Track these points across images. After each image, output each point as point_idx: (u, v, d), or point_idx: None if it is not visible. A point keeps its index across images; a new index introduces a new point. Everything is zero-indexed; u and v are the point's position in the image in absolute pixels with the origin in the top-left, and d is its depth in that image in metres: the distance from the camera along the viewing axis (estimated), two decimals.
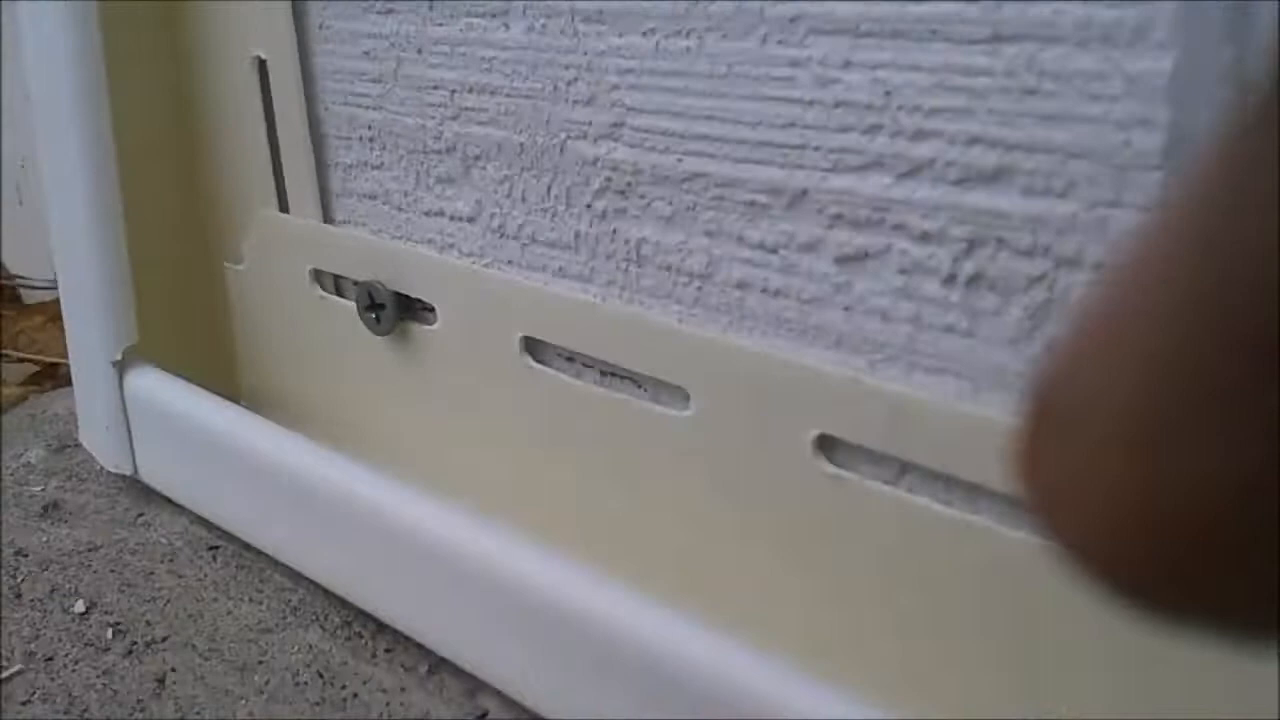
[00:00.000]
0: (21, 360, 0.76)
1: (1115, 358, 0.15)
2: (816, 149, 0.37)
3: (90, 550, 0.56)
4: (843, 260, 0.37)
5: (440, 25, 0.47)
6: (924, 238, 0.35)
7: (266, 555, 0.53)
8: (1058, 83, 0.31)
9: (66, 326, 0.58)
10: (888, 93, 0.35)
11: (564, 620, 0.40)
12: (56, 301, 0.74)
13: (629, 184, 0.43)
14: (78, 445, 0.63)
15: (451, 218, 0.50)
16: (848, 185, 0.37)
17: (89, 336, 0.56)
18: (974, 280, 0.34)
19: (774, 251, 0.39)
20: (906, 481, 0.37)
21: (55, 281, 0.82)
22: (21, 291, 0.91)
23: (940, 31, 0.33)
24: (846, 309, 0.38)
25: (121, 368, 0.56)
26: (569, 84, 0.43)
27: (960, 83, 0.33)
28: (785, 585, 0.40)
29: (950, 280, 0.35)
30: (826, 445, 0.38)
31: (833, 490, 0.38)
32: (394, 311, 0.51)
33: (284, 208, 0.56)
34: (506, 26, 0.45)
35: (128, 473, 0.58)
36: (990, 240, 0.34)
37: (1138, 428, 0.14)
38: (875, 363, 0.37)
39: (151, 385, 0.55)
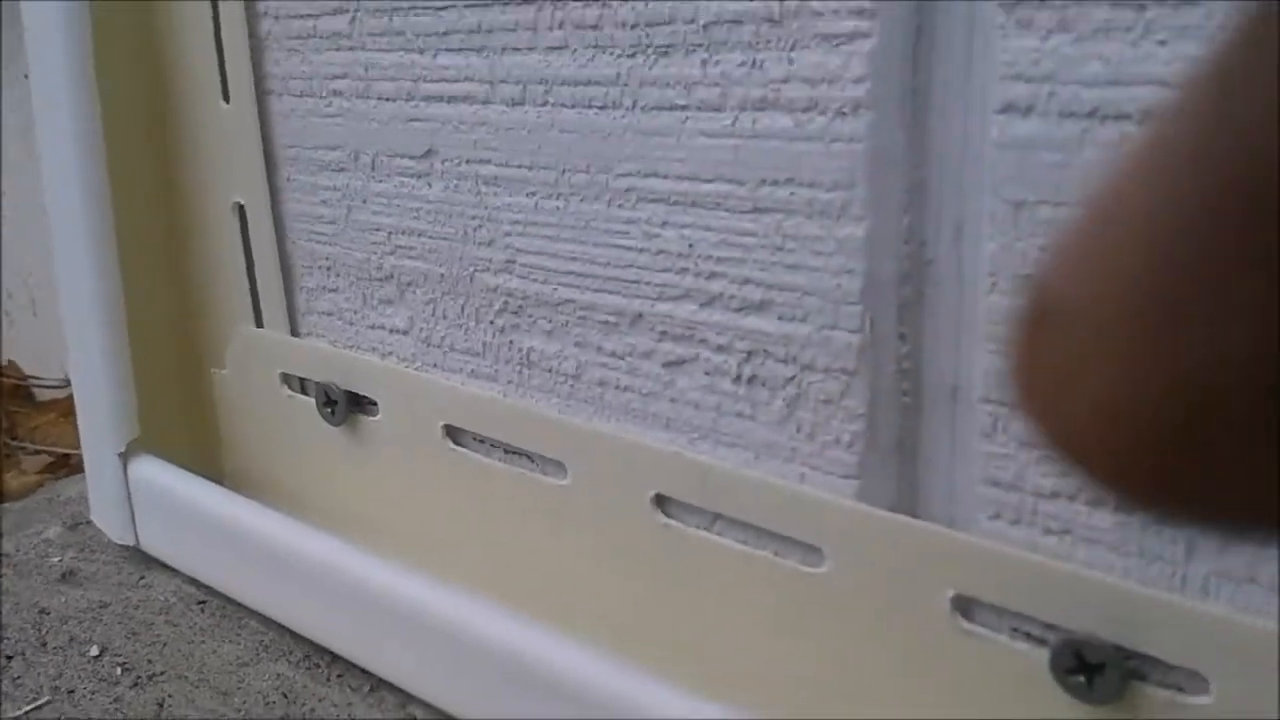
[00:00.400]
0: (38, 452, 0.88)
1: (1106, 251, 0.15)
2: (646, 284, 0.50)
3: (101, 607, 0.68)
4: (668, 365, 0.51)
5: (379, 182, 0.61)
6: (719, 349, 0.48)
7: (244, 606, 0.65)
8: (796, 242, 0.45)
9: (79, 422, 0.71)
10: (690, 245, 0.48)
11: (470, 640, 0.52)
12: (66, 399, 0.86)
13: (520, 306, 0.56)
14: (89, 522, 0.75)
15: (390, 330, 0.63)
16: (668, 310, 0.50)
17: (98, 431, 0.69)
18: (751, 380, 0.48)
19: (622, 358, 0.52)
20: (718, 527, 0.50)
21: (65, 382, 0.95)
22: (34, 390, 1.04)
23: (722, 204, 0.47)
24: (672, 400, 0.51)
25: (125, 457, 0.68)
26: (475, 230, 0.57)
27: (736, 240, 0.47)
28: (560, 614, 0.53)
29: (737, 379, 0.48)
30: (663, 501, 0.51)
31: (665, 536, 0.51)
32: (345, 406, 0.64)
33: (259, 323, 0.69)
34: (430, 185, 0.58)
35: (131, 544, 0.70)
36: (760, 351, 0.47)
37: (1131, 318, 0.14)
38: (693, 439, 0.50)
39: (151, 472, 0.68)
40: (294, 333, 0.68)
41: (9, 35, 0.95)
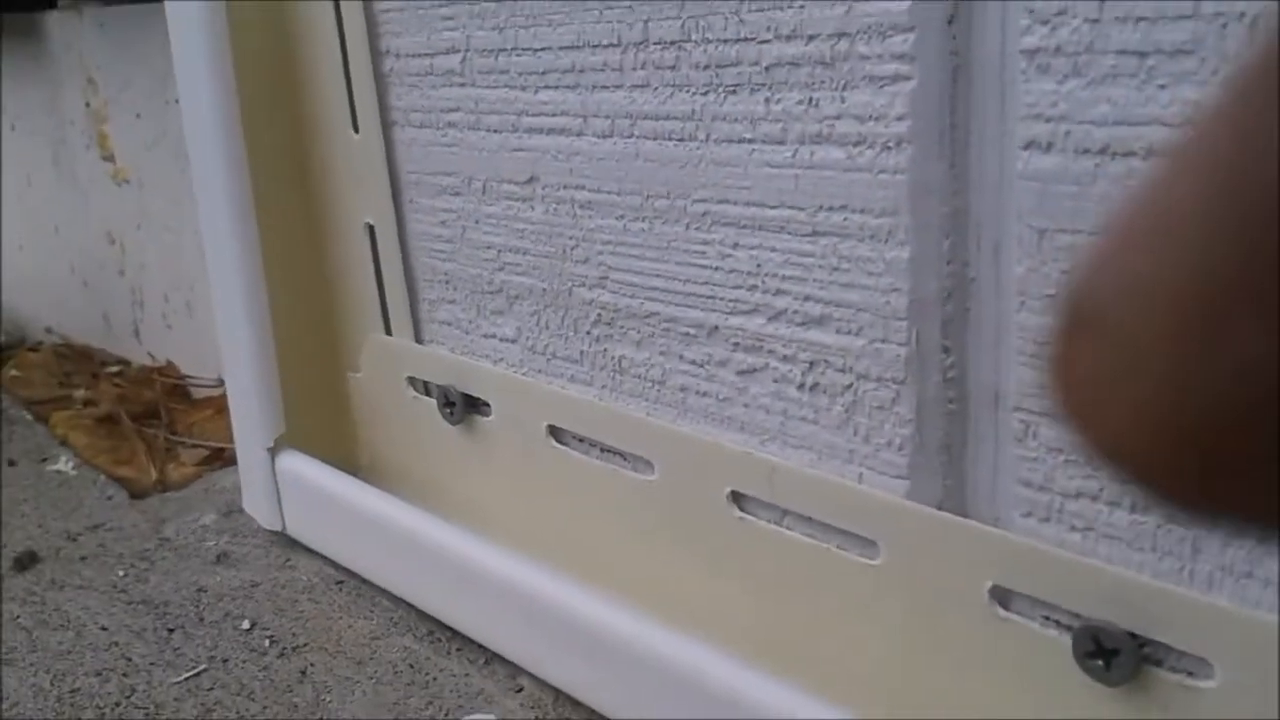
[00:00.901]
0: (195, 446, 0.98)
1: (1145, 259, 0.14)
2: (721, 299, 0.55)
3: (252, 586, 0.76)
4: (741, 373, 0.56)
5: (489, 205, 0.67)
6: (785, 359, 0.53)
7: (377, 586, 0.73)
8: (850, 263, 0.49)
9: (232, 420, 0.79)
10: (759, 265, 0.53)
11: (570, 620, 0.58)
12: (220, 397, 0.95)
13: (612, 318, 0.62)
14: (241, 510, 0.84)
15: (500, 339, 0.70)
16: (740, 324, 0.55)
17: (249, 427, 0.77)
18: (814, 387, 0.52)
19: (701, 366, 0.58)
20: (787, 522, 0.55)
21: (219, 381, 1.05)
22: (191, 389, 1.14)
23: (785, 228, 0.51)
24: (745, 405, 0.56)
25: (273, 452, 0.76)
26: (572, 249, 0.63)
27: (798, 260, 0.51)
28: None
29: (801, 387, 0.53)
30: (738, 498, 0.56)
31: (740, 529, 0.56)
32: (462, 408, 0.71)
33: (388, 331, 0.77)
34: (532, 208, 0.64)
35: (279, 529, 0.79)
36: (821, 361, 0.52)
37: (1172, 324, 0.14)
38: (764, 441, 0.55)
39: (296, 465, 0.76)
40: (418, 340, 0.75)
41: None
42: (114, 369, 1.25)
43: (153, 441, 1.00)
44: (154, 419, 1.07)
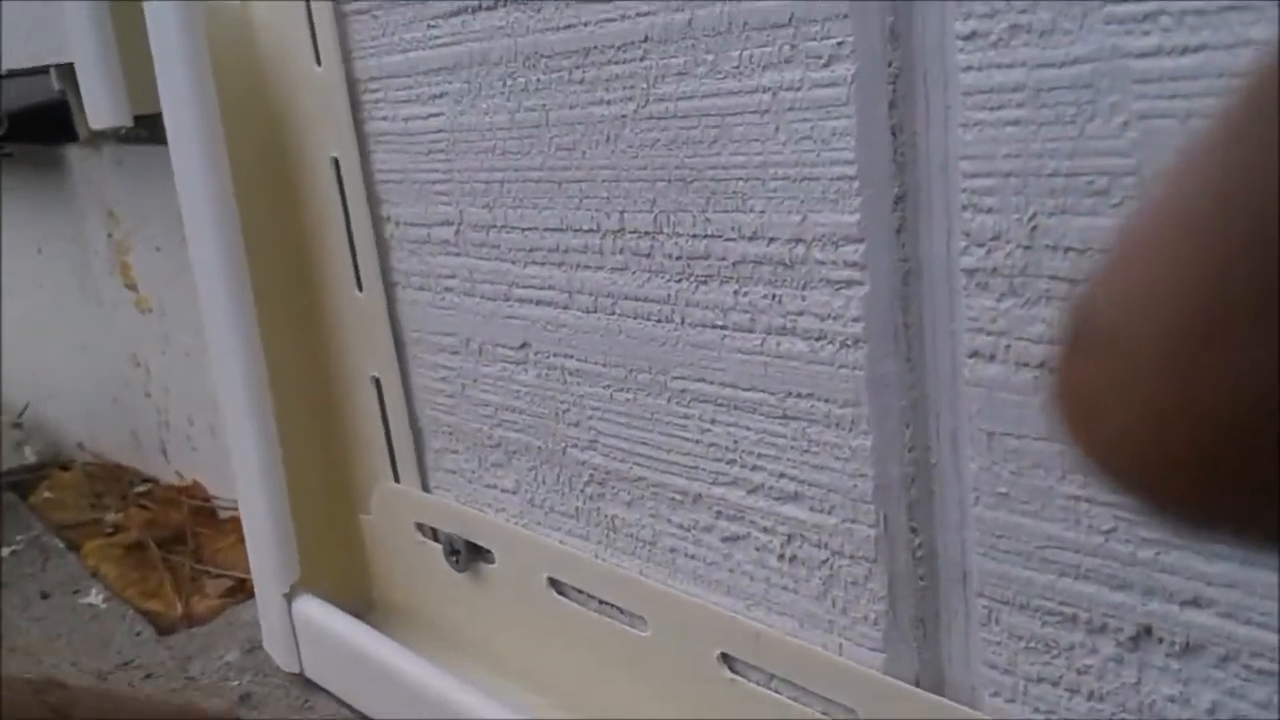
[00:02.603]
0: (219, 576, 1.01)
1: (1144, 279, 0.15)
2: (703, 470, 0.58)
3: None
4: (725, 539, 0.58)
5: (486, 366, 0.70)
6: (765, 530, 0.56)
7: None
8: (819, 447, 0.52)
9: (250, 565, 0.83)
10: (735, 441, 0.56)
11: None
12: None
13: (604, 479, 0.64)
14: (262, 647, 0.87)
15: (502, 490, 0.73)
16: (722, 494, 0.58)
17: (266, 574, 0.80)
18: (793, 559, 0.55)
19: (689, 531, 0.60)
20: (774, 684, 0.57)
21: None
22: (218, 509, 1.18)
23: (758, 409, 0.54)
24: (730, 570, 0.58)
25: (290, 597, 0.79)
26: (564, 412, 0.66)
27: (770, 440, 0.54)
28: None
29: (781, 557, 0.55)
30: (728, 659, 0.59)
31: (730, 689, 0.58)
32: (467, 556, 0.74)
33: (396, 478, 0.80)
34: (526, 371, 0.68)
35: (297, 671, 0.81)
36: (798, 536, 0.54)
37: (1174, 339, 0.14)
38: (749, 605, 0.58)
39: (312, 610, 0.79)
40: (425, 487, 0.78)
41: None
42: (142, 488, 1.29)
43: (179, 570, 1.04)
44: (181, 544, 1.10)
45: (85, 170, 1.28)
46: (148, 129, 1.02)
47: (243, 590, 0.97)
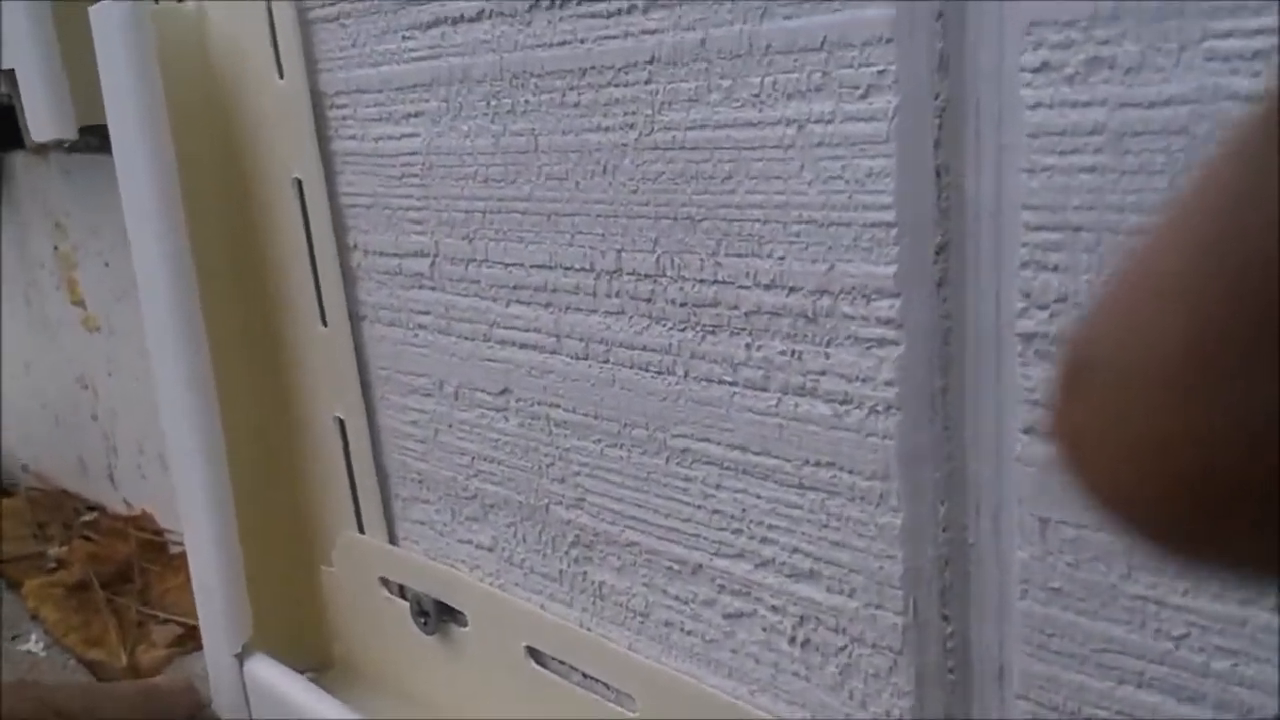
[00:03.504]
0: (167, 621, 0.94)
1: (1145, 307, 0.15)
2: (704, 539, 0.52)
3: None
4: (728, 616, 0.52)
5: (462, 411, 0.64)
6: (774, 609, 0.50)
7: None
8: (840, 522, 0.46)
9: (201, 623, 0.76)
10: (743, 509, 0.50)
11: None
12: None
13: (591, 541, 0.58)
14: (211, 705, 0.80)
15: (477, 546, 0.66)
16: (725, 566, 0.52)
17: (216, 632, 0.74)
18: (806, 643, 0.49)
19: (686, 603, 0.54)
20: None
21: None
22: (169, 543, 1.10)
23: (770, 476, 0.48)
24: (733, 651, 0.53)
25: (241, 657, 0.73)
26: (548, 466, 0.60)
27: (784, 511, 0.48)
28: None
29: (792, 641, 0.50)
30: None
31: None
32: (436, 618, 0.67)
33: (360, 529, 0.73)
34: (507, 419, 0.61)
35: None
36: (812, 618, 0.49)
37: (1170, 374, 0.14)
38: (753, 691, 0.52)
39: (264, 671, 0.72)
40: (391, 539, 0.72)
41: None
42: (88, 517, 1.21)
43: (125, 614, 0.96)
44: (127, 582, 1.03)
45: (32, 179, 1.20)
46: (98, 137, 0.96)
47: (193, 639, 0.90)
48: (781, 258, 0.45)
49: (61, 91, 0.81)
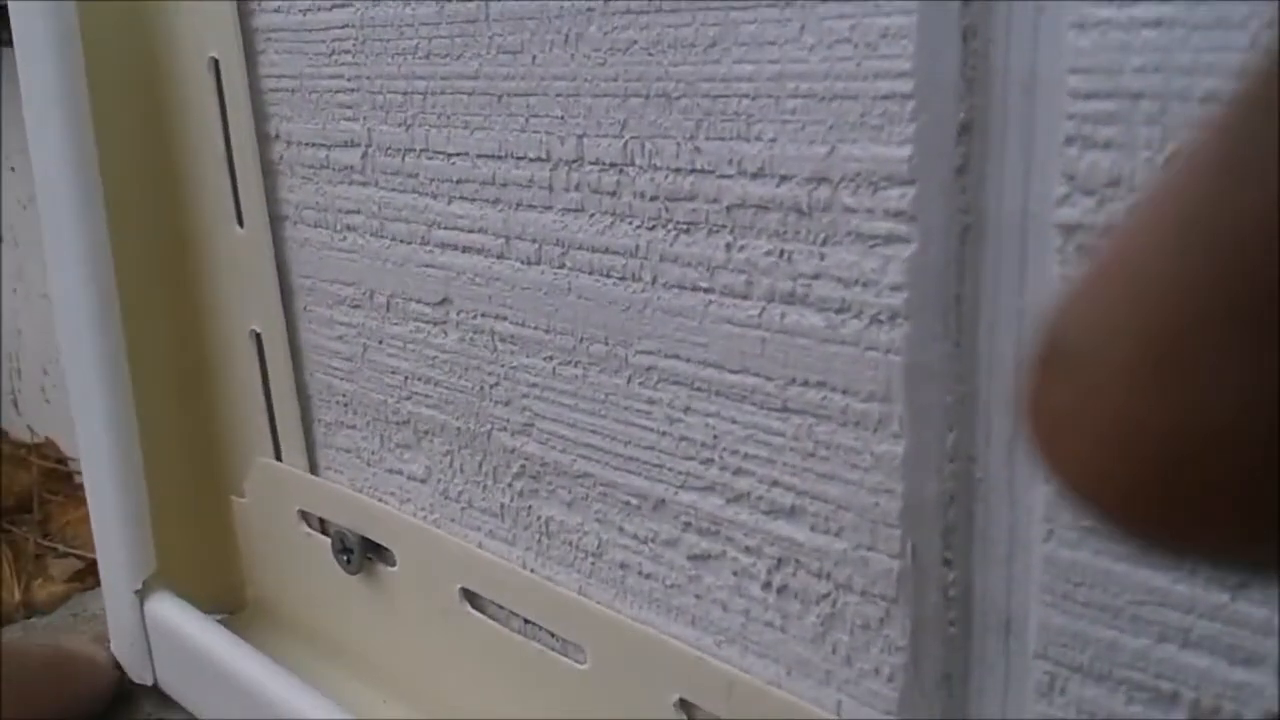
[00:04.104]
0: (67, 555, 0.86)
1: (1120, 291, 0.15)
2: (669, 470, 0.46)
3: None
4: (693, 558, 0.46)
5: (395, 325, 0.57)
6: (747, 550, 0.44)
7: None
8: (829, 451, 0.40)
9: (98, 557, 0.68)
10: (715, 436, 0.44)
11: None
12: None
13: (538, 472, 0.52)
14: (111, 650, 0.72)
15: (408, 477, 0.60)
16: (692, 501, 0.45)
17: (115, 567, 0.66)
18: (782, 589, 0.43)
19: (645, 543, 0.48)
20: None
21: None
22: (73, 472, 1.02)
23: (748, 398, 0.42)
24: (698, 596, 0.46)
25: (142, 595, 0.66)
26: (492, 387, 0.53)
27: (763, 438, 0.42)
28: None
29: (767, 586, 0.44)
30: (688, 707, 0.47)
31: None
32: (360, 555, 0.61)
33: (278, 456, 0.66)
34: (445, 334, 0.55)
35: (149, 684, 0.68)
36: (791, 560, 0.42)
37: (1143, 359, 0.14)
38: (720, 642, 0.46)
39: (167, 611, 0.65)
40: (313, 467, 0.65)
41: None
42: None
43: (22, 547, 0.89)
44: (26, 513, 0.95)
45: None
46: (7, 30, 0.87)
47: (93, 575, 0.83)
48: (773, 139, 0.39)
49: None
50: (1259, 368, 0.13)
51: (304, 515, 0.66)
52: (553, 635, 0.53)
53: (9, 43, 0.67)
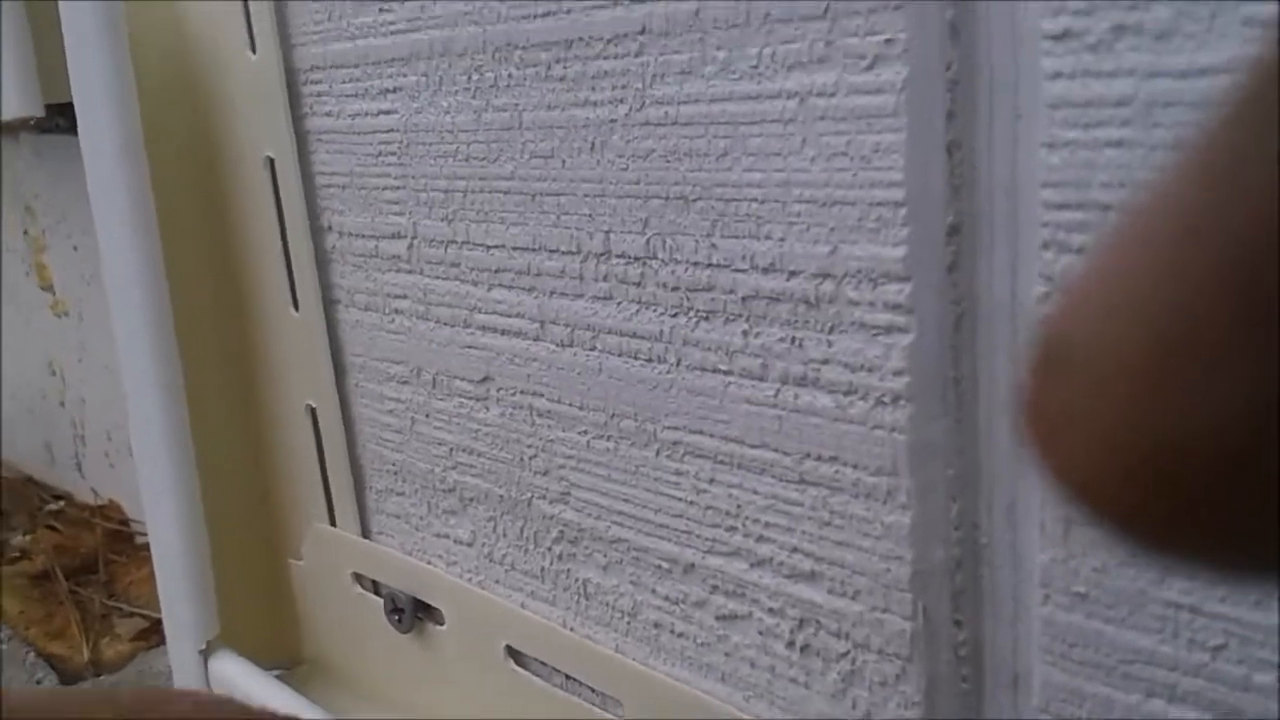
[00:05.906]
0: (132, 614, 0.91)
1: (1120, 292, 0.15)
2: (697, 536, 0.50)
3: None
4: (721, 618, 0.50)
5: (440, 400, 0.61)
6: (771, 612, 0.47)
7: None
8: (843, 520, 0.44)
9: (164, 618, 0.73)
10: (738, 505, 0.47)
11: None
12: None
13: (576, 537, 0.56)
14: None
15: (455, 541, 0.63)
16: (719, 565, 0.49)
17: (179, 627, 0.71)
18: (805, 648, 0.46)
19: (676, 604, 0.52)
20: None
21: None
22: (135, 534, 1.07)
23: (768, 471, 0.46)
24: (726, 654, 0.50)
25: (206, 654, 0.70)
26: (531, 458, 0.57)
27: (783, 508, 0.46)
28: None
29: (790, 645, 0.47)
30: None
31: None
32: (411, 616, 0.65)
33: (332, 521, 0.70)
34: (488, 409, 0.59)
35: None
36: (812, 621, 0.46)
37: (1141, 360, 0.14)
38: (748, 697, 0.49)
39: (231, 672, 0.69)
40: (365, 532, 0.69)
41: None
42: (54, 506, 1.18)
43: (88, 607, 0.93)
44: (92, 573, 1.00)
45: (2, 160, 1.16)
46: (68, 119, 0.92)
47: (158, 633, 0.87)
48: (781, 239, 0.42)
49: (27, 65, 0.78)
50: (1260, 369, 0.13)
51: (357, 577, 0.70)
52: (592, 690, 0.56)
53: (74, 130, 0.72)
